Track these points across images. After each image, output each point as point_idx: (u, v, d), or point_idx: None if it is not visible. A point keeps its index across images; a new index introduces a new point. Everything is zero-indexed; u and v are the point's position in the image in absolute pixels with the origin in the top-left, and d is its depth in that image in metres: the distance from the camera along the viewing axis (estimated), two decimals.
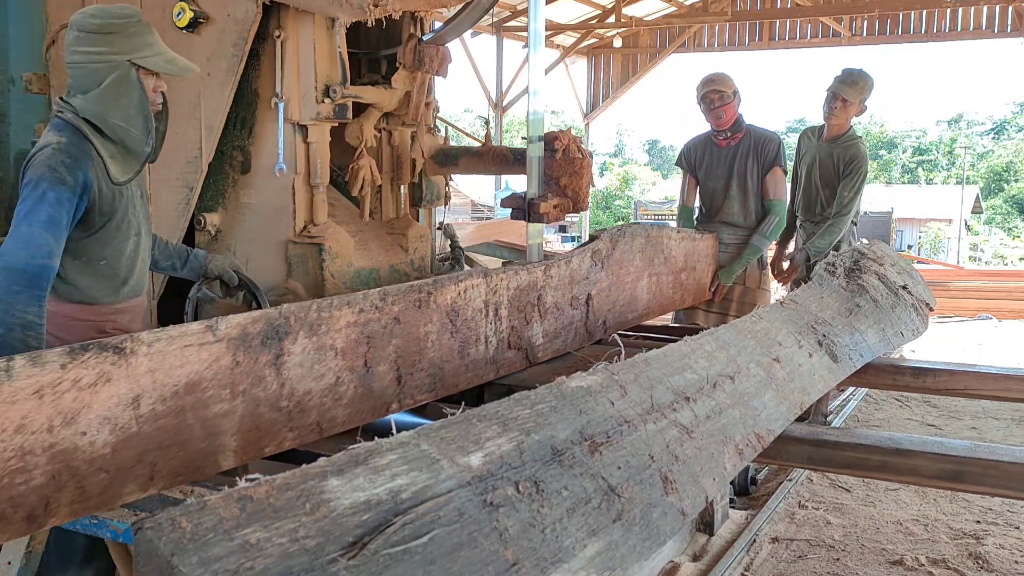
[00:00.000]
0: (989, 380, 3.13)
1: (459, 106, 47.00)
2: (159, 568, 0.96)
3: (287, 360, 1.96)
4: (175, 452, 1.76)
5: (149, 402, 1.70)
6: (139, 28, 2.41)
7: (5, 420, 1.49)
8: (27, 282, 2.17)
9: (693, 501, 1.72)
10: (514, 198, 3.20)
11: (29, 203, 2.24)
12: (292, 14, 3.20)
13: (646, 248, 3.52)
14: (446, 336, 2.45)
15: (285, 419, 1.98)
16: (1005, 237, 34.09)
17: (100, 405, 1.62)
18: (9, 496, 1.51)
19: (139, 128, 2.44)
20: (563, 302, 2.99)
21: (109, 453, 1.65)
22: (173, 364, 1.73)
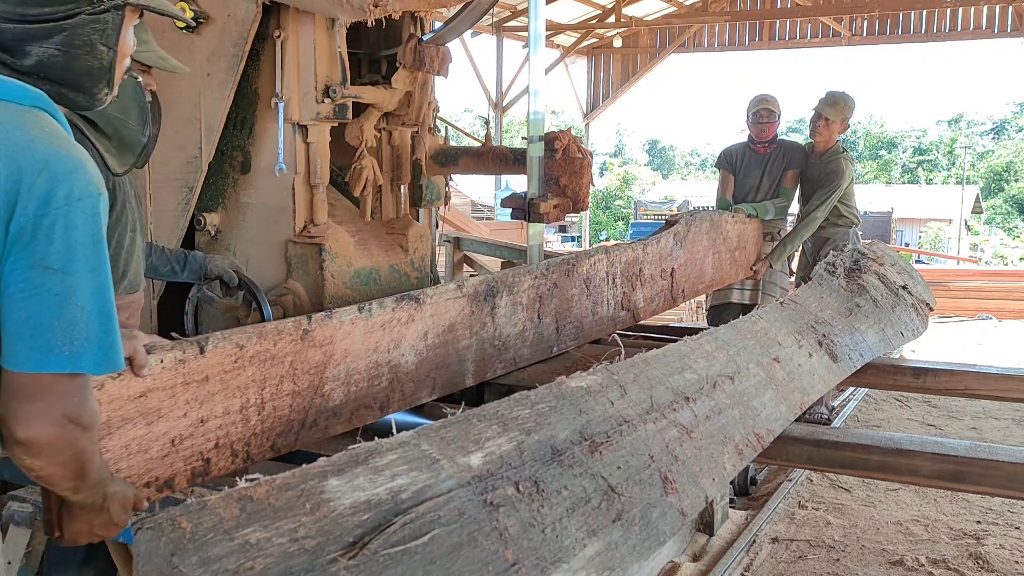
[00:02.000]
0: (989, 380, 3.13)
1: (459, 106, 47.03)
2: (159, 568, 0.96)
3: (497, 312, 2.74)
4: (443, 371, 2.52)
5: (431, 336, 2.46)
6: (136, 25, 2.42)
7: (368, 344, 2.26)
8: None
9: (693, 501, 1.72)
10: (514, 198, 3.20)
11: None
12: (292, 14, 3.20)
13: (710, 230, 4.22)
14: (583, 298, 3.18)
15: (496, 353, 2.75)
16: (1005, 237, 34.08)
17: (409, 336, 2.38)
18: (371, 393, 2.27)
19: (135, 119, 2.44)
20: (656, 274, 3.69)
21: (414, 368, 2.41)
22: (442, 311, 2.48)
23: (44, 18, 1.30)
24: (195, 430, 1.85)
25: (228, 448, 1.94)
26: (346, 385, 2.21)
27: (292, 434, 2.08)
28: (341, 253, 3.38)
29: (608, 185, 34.81)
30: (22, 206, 1.17)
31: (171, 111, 3.37)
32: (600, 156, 45.89)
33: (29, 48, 1.31)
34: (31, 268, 1.17)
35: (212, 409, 1.88)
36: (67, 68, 1.34)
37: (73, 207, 1.20)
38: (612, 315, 3.37)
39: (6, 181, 1.17)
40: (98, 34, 1.35)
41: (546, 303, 2.95)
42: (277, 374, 2.01)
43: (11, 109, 1.22)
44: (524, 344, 2.87)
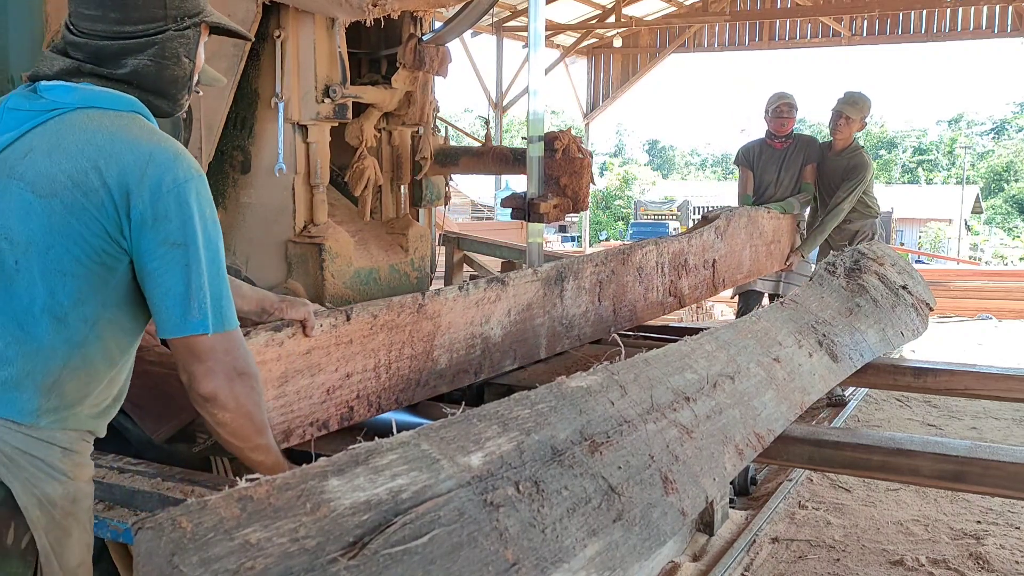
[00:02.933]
0: (989, 380, 3.12)
1: (459, 106, 47.02)
2: (159, 568, 0.96)
3: (565, 294, 3.09)
4: (522, 344, 2.91)
5: (513, 313, 2.84)
6: None
7: (465, 318, 2.63)
8: None
9: (693, 501, 1.72)
10: (514, 198, 3.20)
11: None
12: (292, 14, 3.20)
13: (748, 225, 4.60)
14: (637, 284, 3.53)
15: (564, 331, 3.11)
16: (1005, 237, 34.07)
17: (497, 313, 2.77)
18: (467, 360, 2.67)
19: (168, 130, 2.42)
20: (699, 264, 4.04)
21: (500, 340, 2.79)
22: (522, 292, 2.87)
23: (139, 34, 1.49)
24: (343, 383, 2.25)
25: (366, 399, 2.35)
26: (449, 352, 2.62)
27: (410, 391, 2.48)
28: (341, 253, 3.38)
29: (608, 185, 34.81)
30: (137, 195, 1.37)
31: None
32: (600, 156, 45.88)
33: (125, 60, 1.49)
34: (160, 246, 1.38)
35: (355, 366, 2.29)
36: (158, 77, 1.52)
37: (181, 188, 1.39)
38: (661, 300, 3.74)
39: (118, 176, 1.37)
40: (183, 47, 1.54)
41: (605, 288, 3.33)
42: (400, 340, 2.42)
43: (112, 116, 1.44)
44: (587, 324, 3.25)
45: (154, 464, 2.26)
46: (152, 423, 2.42)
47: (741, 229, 4.49)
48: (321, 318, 2.16)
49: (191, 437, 2.44)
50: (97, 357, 1.46)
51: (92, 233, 1.37)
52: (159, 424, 2.43)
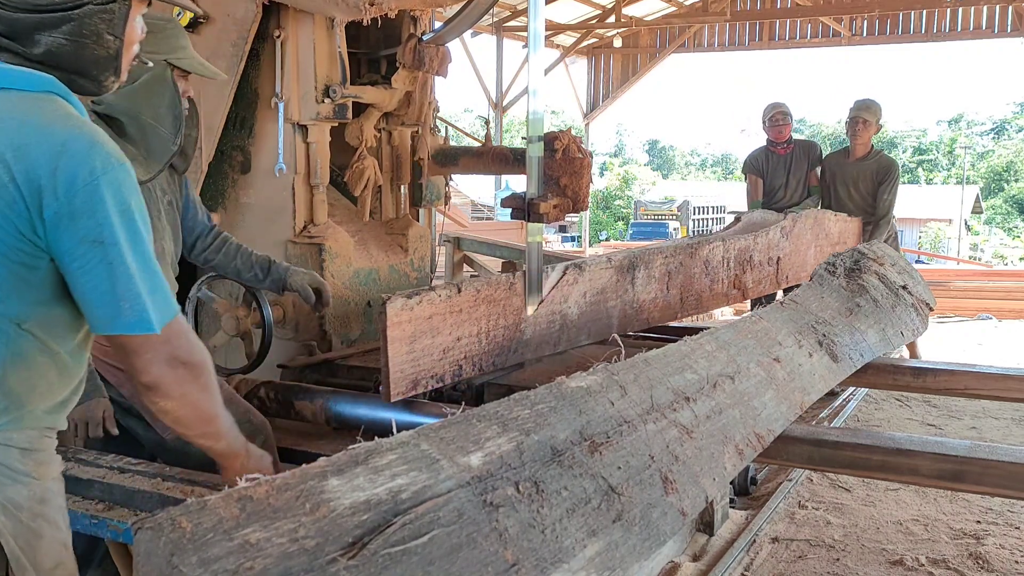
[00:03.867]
0: (989, 380, 3.12)
1: (459, 106, 47.00)
2: (159, 568, 0.96)
3: (635, 281, 3.41)
4: (595, 324, 3.20)
5: (589, 296, 3.16)
6: (176, 30, 2.44)
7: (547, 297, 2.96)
8: None
9: (693, 501, 1.72)
10: (514, 198, 3.19)
11: None
12: (292, 14, 3.20)
13: (814, 226, 4.91)
14: (703, 276, 3.84)
15: (634, 314, 3.44)
16: (1005, 237, 34.07)
17: (574, 294, 3.10)
18: (548, 333, 2.99)
19: (168, 127, 2.43)
20: (764, 261, 4.35)
21: (576, 319, 3.12)
22: (597, 277, 3.19)
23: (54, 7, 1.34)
24: (455, 344, 2.65)
25: (471, 361, 2.73)
26: (534, 325, 2.97)
27: (503, 356, 2.86)
28: (341, 253, 3.38)
29: (608, 185, 34.81)
30: (49, 193, 1.25)
31: None
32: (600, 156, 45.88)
33: (39, 37, 1.35)
34: (79, 245, 1.28)
35: (463, 332, 2.67)
36: (76, 56, 1.38)
37: (98, 181, 1.27)
38: (725, 292, 4.06)
39: (27, 172, 1.24)
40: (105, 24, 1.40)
41: (673, 278, 3.66)
42: (496, 312, 2.79)
43: (20, 97, 1.27)
44: (655, 309, 3.59)
45: (154, 464, 2.26)
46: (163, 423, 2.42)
47: (807, 230, 4.84)
48: (439, 290, 2.60)
49: None
50: (35, 354, 1.37)
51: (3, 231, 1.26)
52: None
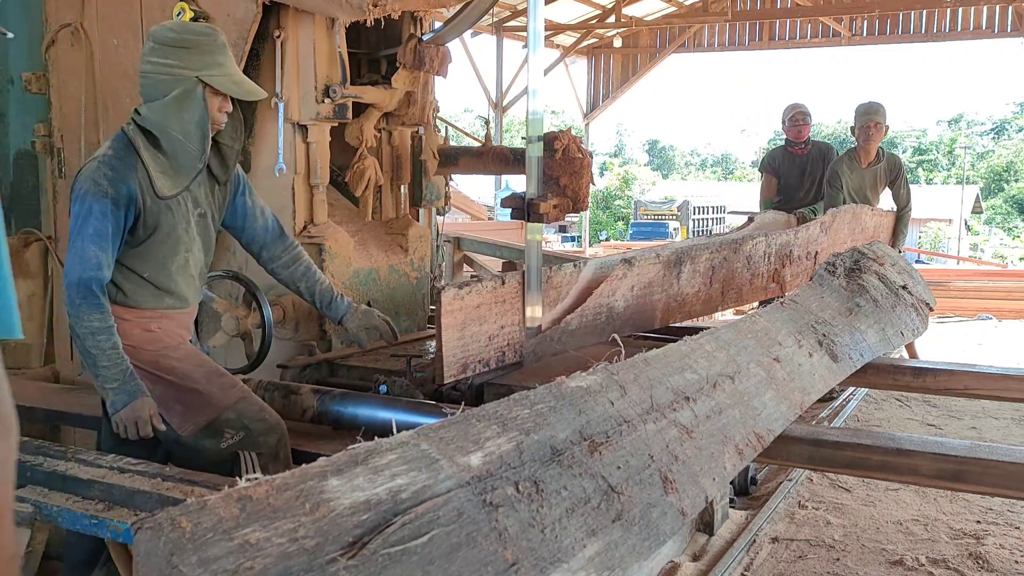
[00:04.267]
0: (989, 380, 3.12)
1: (459, 106, 47.00)
2: (159, 568, 0.96)
3: (681, 276, 3.69)
4: (640, 315, 3.51)
5: (636, 289, 3.43)
6: (213, 47, 2.42)
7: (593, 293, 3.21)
8: (83, 294, 2.31)
9: (693, 501, 1.72)
10: (514, 198, 3.20)
11: (79, 219, 2.34)
12: (292, 14, 3.20)
13: (852, 221, 5.14)
14: (744, 271, 4.12)
15: (677, 307, 3.71)
16: (1005, 237, 34.05)
17: (622, 288, 3.36)
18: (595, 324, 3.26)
19: (195, 143, 2.44)
20: (802, 255, 4.60)
21: (622, 311, 3.39)
22: (644, 272, 3.45)
23: None
24: (499, 332, 2.88)
25: (512, 348, 2.95)
26: (580, 316, 3.16)
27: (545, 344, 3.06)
28: (341, 253, 3.38)
29: (608, 185, 34.79)
30: None
31: None
32: (600, 156, 45.84)
33: None
34: None
35: (507, 320, 2.90)
36: None
37: None
38: (764, 286, 4.28)
39: None
40: None
41: (717, 272, 3.91)
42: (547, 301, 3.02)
43: None
44: (698, 302, 3.84)
45: (154, 464, 2.26)
46: (179, 420, 2.43)
47: (844, 225, 5.07)
48: (486, 282, 2.83)
49: (218, 433, 2.45)
50: None
51: None
52: (186, 421, 2.44)
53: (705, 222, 27.73)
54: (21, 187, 3.94)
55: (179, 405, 2.45)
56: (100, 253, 2.33)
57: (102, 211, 2.32)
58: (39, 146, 3.73)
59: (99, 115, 3.58)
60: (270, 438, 2.50)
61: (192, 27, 2.45)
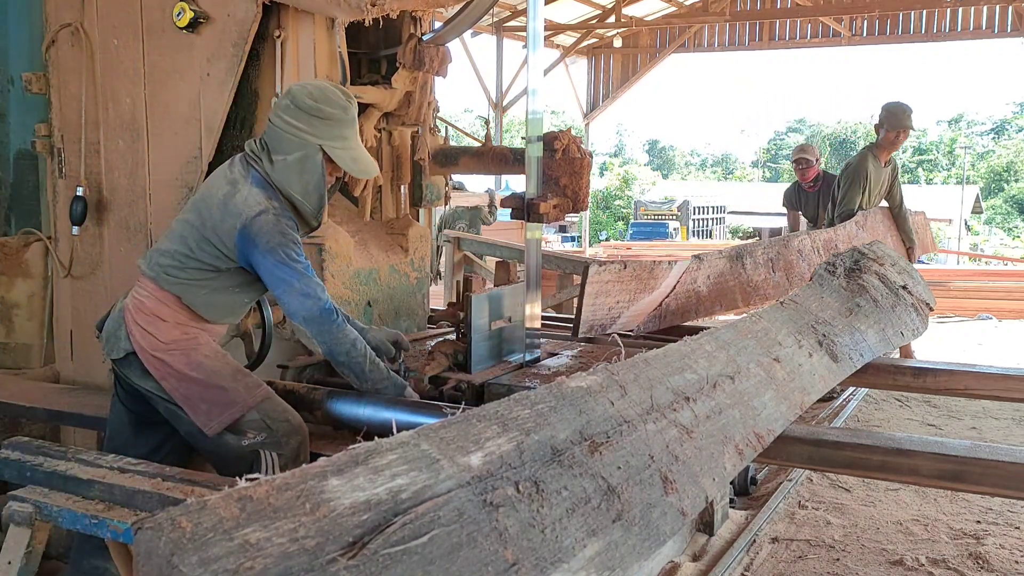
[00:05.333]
0: (989, 380, 3.12)
1: (459, 106, 47.00)
2: (159, 568, 0.96)
3: (745, 266, 4.46)
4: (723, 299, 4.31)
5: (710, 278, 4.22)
6: (345, 121, 2.53)
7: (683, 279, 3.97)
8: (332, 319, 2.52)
9: (693, 501, 1.72)
10: (514, 198, 3.20)
11: (284, 267, 2.45)
12: (292, 14, 3.19)
13: (884, 220, 5.83)
14: (800, 260, 4.82)
15: (752, 291, 4.46)
16: (1005, 237, 34.05)
17: (700, 277, 4.14)
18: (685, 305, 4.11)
19: (312, 204, 2.56)
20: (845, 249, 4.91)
21: (706, 295, 4.22)
22: (713, 265, 4.26)
23: None
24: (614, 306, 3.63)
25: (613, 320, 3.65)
26: (675, 299, 4.03)
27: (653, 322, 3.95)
28: (341, 253, 3.38)
29: (608, 185, 34.79)
30: None
31: (171, 111, 3.37)
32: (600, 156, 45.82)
33: None
34: None
35: (619, 298, 3.62)
36: None
37: None
38: None
39: None
40: None
41: (776, 263, 4.64)
42: (647, 287, 3.77)
43: None
44: (768, 287, 4.52)
45: (154, 464, 2.26)
46: (204, 416, 2.45)
47: (879, 223, 5.71)
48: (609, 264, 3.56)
49: (240, 432, 2.47)
50: None
51: None
52: (211, 419, 2.45)
53: (705, 222, 27.73)
54: (21, 187, 3.94)
55: (204, 404, 2.47)
56: (317, 284, 2.50)
57: (298, 252, 2.48)
58: (39, 146, 3.73)
59: (99, 115, 3.57)
60: (292, 440, 2.51)
61: (330, 98, 2.52)
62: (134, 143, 3.50)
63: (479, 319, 2.99)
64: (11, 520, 2.08)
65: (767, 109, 74.91)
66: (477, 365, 2.97)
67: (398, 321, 3.74)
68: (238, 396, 2.48)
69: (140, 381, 2.52)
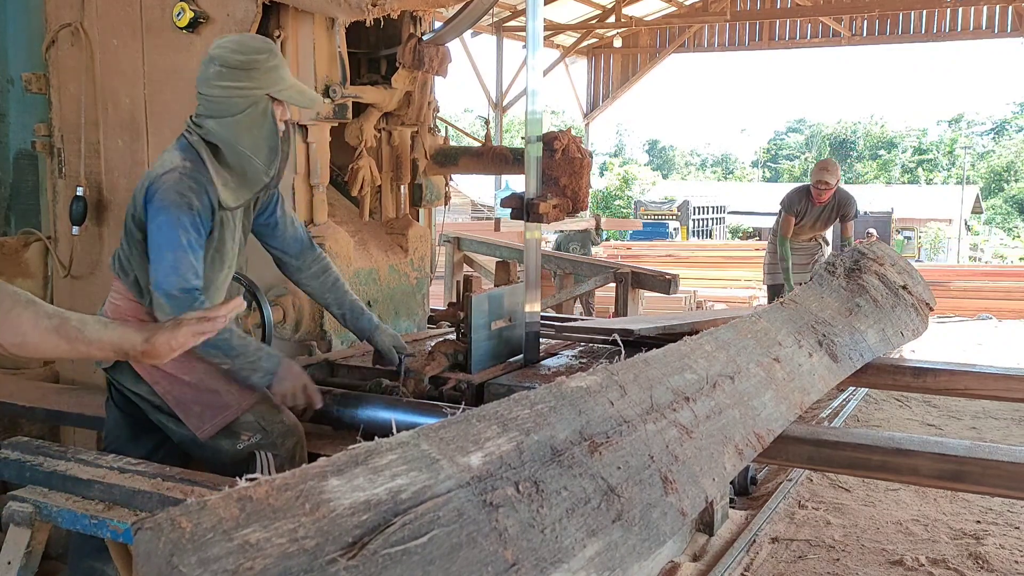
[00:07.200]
0: (989, 380, 3.12)
1: (459, 106, 46.97)
2: (159, 568, 0.96)
3: None
4: None
5: None
6: (276, 61, 2.47)
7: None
8: (190, 302, 2.32)
9: (693, 501, 1.72)
10: (514, 198, 3.20)
11: (168, 230, 2.33)
12: (292, 14, 3.19)
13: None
14: None
15: None
16: (1005, 237, 34.04)
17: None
18: None
19: (263, 158, 2.48)
20: None
21: None
22: None
23: None
24: None
25: None
26: None
27: None
28: (340, 253, 3.38)
29: (608, 185, 34.76)
30: None
31: (172, 111, 3.37)
32: (600, 156, 45.80)
33: None
34: None
35: None
36: None
37: None
38: None
39: None
40: None
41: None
42: None
43: None
44: None
45: (154, 464, 2.26)
46: (196, 420, 2.44)
47: None
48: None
49: (235, 434, 2.46)
50: None
51: None
52: (203, 421, 2.44)
53: (705, 222, 27.70)
54: (21, 187, 3.94)
55: (197, 406, 2.45)
56: (196, 263, 2.36)
57: (191, 222, 2.34)
58: (39, 146, 3.73)
59: (99, 115, 3.57)
60: (288, 441, 2.50)
61: (254, 46, 2.47)
62: (134, 143, 3.50)
63: (479, 319, 2.99)
64: (11, 520, 2.08)
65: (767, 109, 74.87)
66: (477, 365, 2.97)
67: (398, 321, 3.74)
68: (231, 398, 2.46)
69: (132, 386, 2.49)
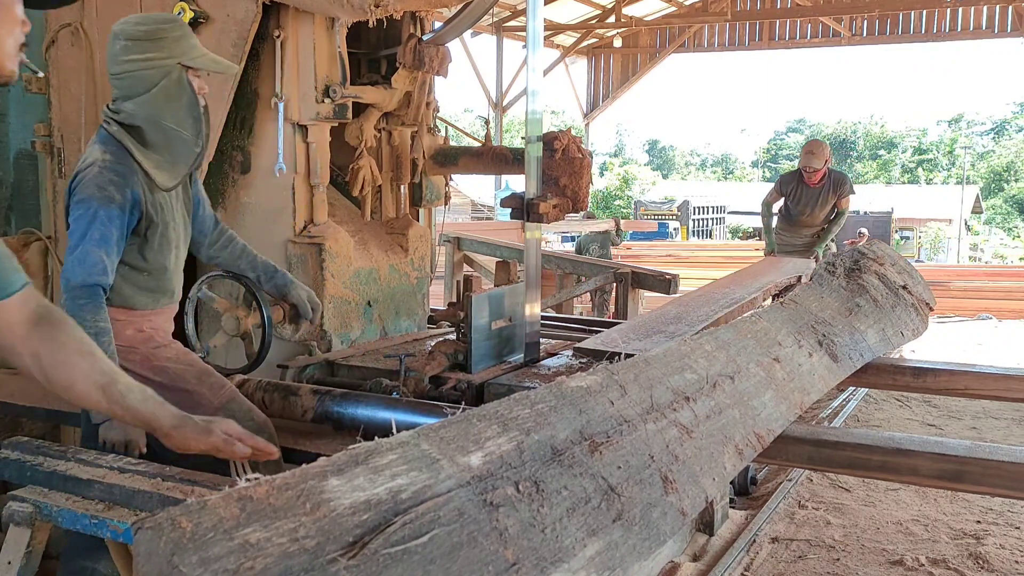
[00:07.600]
0: (989, 380, 3.12)
1: (459, 106, 46.97)
2: (159, 568, 0.96)
3: None
4: None
5: None
6: (183, 30, 2.43)
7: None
8: (90, 296, 2.30)
9: (693, 501, 1.72)
10: (514, 198, 3.20)
11: (83, 223, 2.32)
12: (292, 14, 3.19)
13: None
14: None
15: None
16: (1005, 237, 34.04)
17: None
18: None
19: (190, 130, 2.45)
20: None
21: None
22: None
23: None
24: None
25: None
26: None
27: None
28: (341, 253, 3.38)
29: (608, 185, 34.76)
30: None
31: None
32: (600, 156, 45.80)
33: None
34: None
35: None
36: None
37: None
38: None
39: None
40: None
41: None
42: None
43: None
44: None
45: (154, 464, 2.26)
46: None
47: None
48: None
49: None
50: None
51: None
52: None
53: (705, 222, 27.71)
54: (21, 187, 3.94)
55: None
56: (106, 258, 2.32)
57: (108, 216, 2.32)
58: (39, 146, 3.73)
59: (99, 115, 3.57)
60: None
61: (157, 17, 2.45)
62: None
63: (479, 319, 2.99)
64: (11, 520, 2.08)
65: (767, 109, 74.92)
66: (477, 365, 2.97)
67: (398, 321, 3.74)
68: (203, 398, 2.46)
69: None
